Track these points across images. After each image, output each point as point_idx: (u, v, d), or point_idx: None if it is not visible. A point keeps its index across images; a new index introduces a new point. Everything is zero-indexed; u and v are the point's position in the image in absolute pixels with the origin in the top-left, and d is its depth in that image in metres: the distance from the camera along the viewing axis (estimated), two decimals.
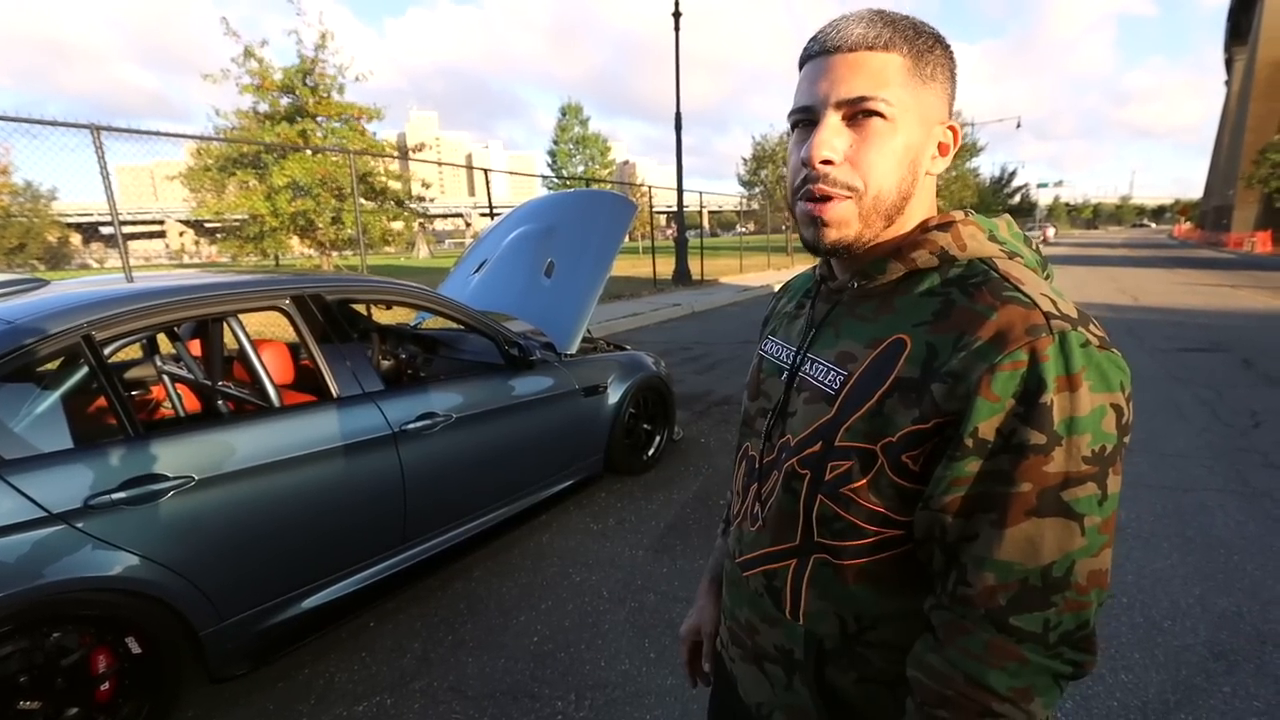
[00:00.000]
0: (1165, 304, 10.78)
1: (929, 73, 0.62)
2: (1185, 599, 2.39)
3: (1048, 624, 0.54)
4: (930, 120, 0.63)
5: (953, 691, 0.56)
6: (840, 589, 0.66)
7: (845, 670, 0.67)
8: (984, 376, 0.55)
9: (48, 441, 1.65)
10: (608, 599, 2.51)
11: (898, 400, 0.60)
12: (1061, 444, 0.53)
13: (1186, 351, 6.80)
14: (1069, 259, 25.30)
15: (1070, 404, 0.53)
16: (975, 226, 0.65)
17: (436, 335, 3.73)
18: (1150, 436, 4.18)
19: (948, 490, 0.57)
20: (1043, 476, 0.54)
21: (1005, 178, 50.87)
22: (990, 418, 0.55)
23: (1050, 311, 0.56)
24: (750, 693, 0.77)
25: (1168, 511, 3.11)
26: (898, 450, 0.59)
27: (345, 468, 2.15)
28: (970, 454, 0.55)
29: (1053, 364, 0.54)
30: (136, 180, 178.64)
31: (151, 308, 1.94)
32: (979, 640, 0.55)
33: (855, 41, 0.60)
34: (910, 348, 0.61)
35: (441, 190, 72.12)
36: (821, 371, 0.68)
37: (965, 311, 0.59)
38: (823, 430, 0.65)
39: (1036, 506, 0.54)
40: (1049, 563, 0.54)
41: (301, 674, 2.11)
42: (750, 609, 0.75)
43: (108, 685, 1.71)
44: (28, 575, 1.52)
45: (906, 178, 0.63)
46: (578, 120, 30.66)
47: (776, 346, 0.79)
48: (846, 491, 0.63)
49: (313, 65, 13.11)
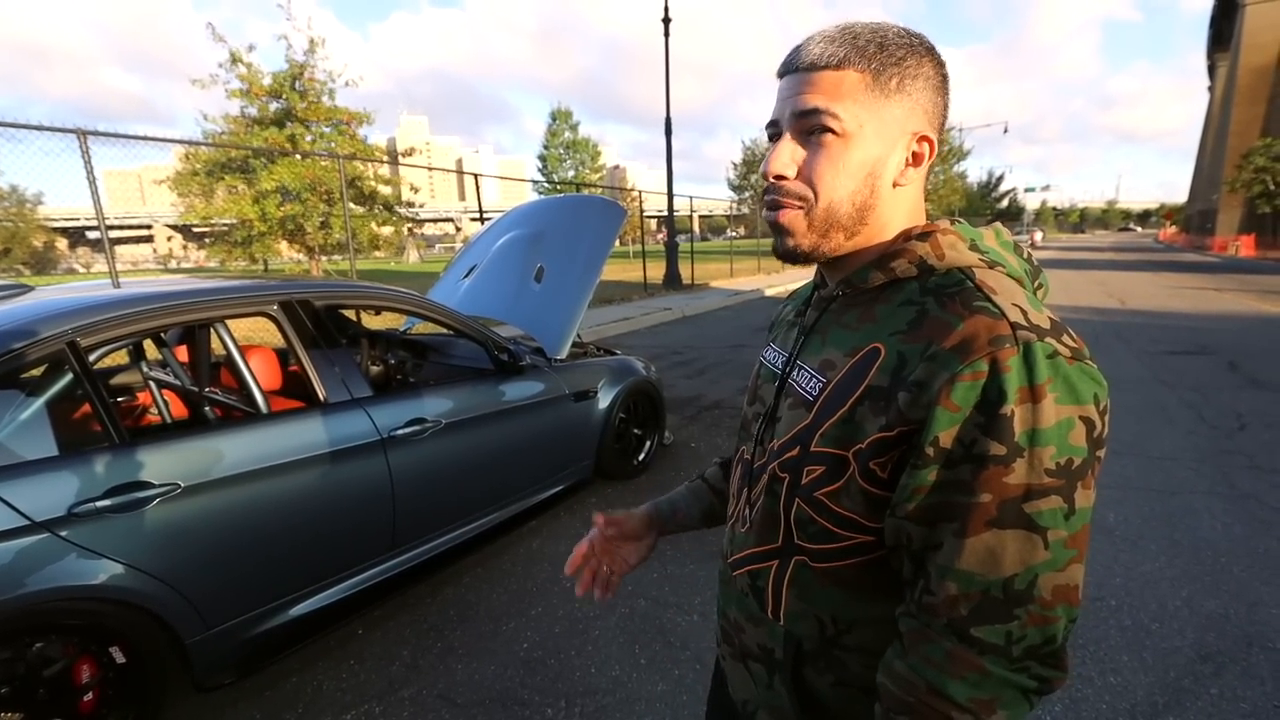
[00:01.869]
0: (1152, 307, 10.91)
1: (893, 86, 0.62)
2: (1173, 601, 2.41)
3: (1010, 637, 0.54)
4: (894, 133, 0.63)
5: (914, 699, 0.57)
6: (818, 591, 0.67)
7: (823, 672, 0.68)
8: (944, 386, 0.55)
9: (31, 449, 1.62)
10: (597, 605, 2.50)
11: (868, 408, 0.60)
12: (1023, 456, 0.53)
13: (1173, 354, 6.88)
14: (1057, 263, 25.56)
15: (1033, 416, 0.53)
16: (956, 236, 0.65)
17: (426, 340, 3.72)
18: (1138, 439, 4.22)
19: (911, 498, 0.57)
20: (1003, 488, 0.53)
21: (993, 182, 51.39)
22: (950, 427, 0.55)
23: (1018, 322, 0.56)
24: (737, 690, 0.80)
25: (1155, 514, 3.14)
26: (867, 457, 0.60)
27: (333, 474, 2.14)
28: (931, 463, 0.56)
29: (1015, 375, 0.53)
30: (124, 184, 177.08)
31: (137, 313, 1.92)
32: (940, 649, 0.56)
33: (811, 61, 0.63)
34: (883, 356, 0.61)
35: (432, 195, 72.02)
36: (805, 378, 0.69)
37: (936, 321, 0.59)
38: (800, 435, 0.66)
39: (997, 518, 0.54)
40: (1010, 575, 0.54)
41: (289, 682, 2.09)
42: (737, 608, 0.77)
43: (91, 696, 1.68)
44: (10, 584, 1.49)
45: (861, 190, 0.64)
46: (568, 125, 30.72)
47: (774, 353, 0.81)
48: (820, 496, 0.64)
49: (302, 70, 13.06)
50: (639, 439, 3.83)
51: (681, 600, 2.50)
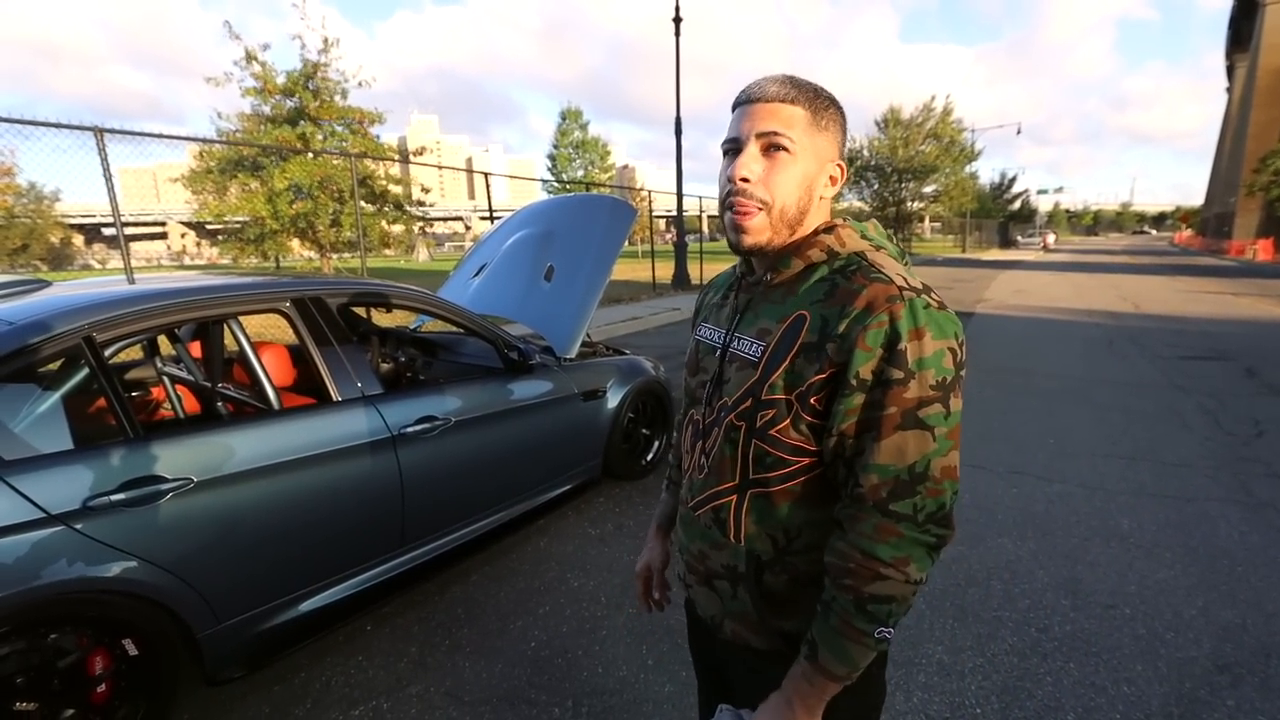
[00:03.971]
0: (1167, 311, 10.79)
1: (824, 124, 0.83)
2: (1188, 610, 2.38)
3: (916, 507, 0.76)
4: (823, 158, 0.85)
5: (853, 564, 0.77)
6: (771, 513, 0.86)
7: (779, 574, 0.87)
8: (859, 333, 0.76)
9: (47, 442, 1.64)
10: (605, 605, 2.50)
11: (804, 360, 0.80)
12: (915, 377, 0.74)
13: (1188, 359, 6.79)
14: (1069, 266, 25.31)
15: (919, 349, 0.75)
16: (850, 230, 0.87)
17: (436, 338, 3.73)
18: (1152, 444, 4.17)
19: (844, 419, 0.78)
20: (904, 401, 0.75)
21: (1005, 184, 50.91)
22: (867, 362, 0.76)
23: (903, 285, 0.77)
24: (704, 608, 0.98)
25: (1170, 521, 3.09)
26: (807, 396, 0.80)
27: (344, 471, 2.15)
28: (855, 390, 0.77)
29: (905, 321, 0.75)
30: (139, 182, 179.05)
31: (152, 309, 1.93)
32: (870, 524, 0.76)
33: (772, 95, 0.82)
34: (809, 320, 0.81)
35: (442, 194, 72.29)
36: (746, 345, 0.88)
37: (845, 290, 0.80)
38: (752, 388, 0.85)
39: (901, 423, 0.75)
40: (912, 462, 0.75)
41: (298, 677, 2.10)
42: (701, 540, 0.95)
43: (104, 687, 1.69)
44: (26, 576, 1.51)
45: (804, 198, 0.84)
46: (577, 124, 30.72)
47: (709, 330, 0.99)
48: (774, 433, 0.83)
49: (315, 70, 13.15)
50: (647, 439, 3.82)
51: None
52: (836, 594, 0.78)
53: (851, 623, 0.77)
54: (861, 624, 0.76)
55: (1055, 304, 12.13)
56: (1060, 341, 8.05)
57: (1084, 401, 5.25)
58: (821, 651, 0.78)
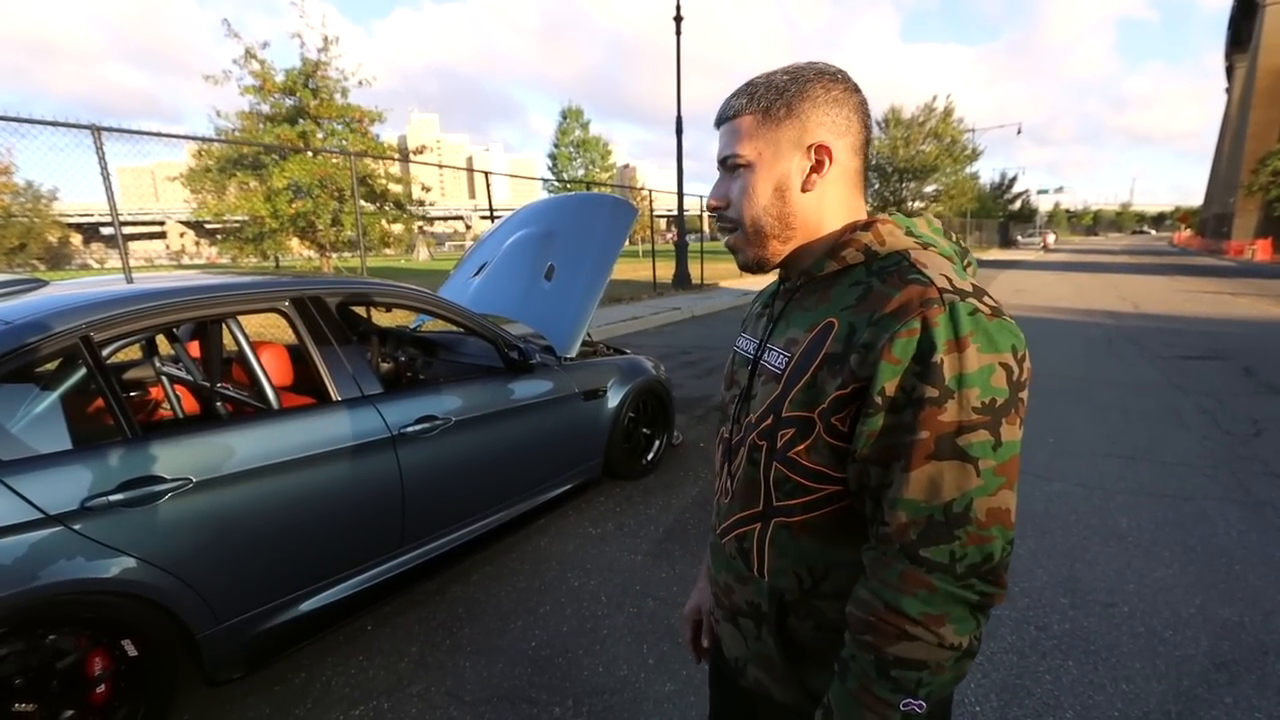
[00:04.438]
0: (1166, 311, 10.80)
1: (781, 114, 0.74)
2: (1186, 608, 2.38)
3: (954, 555, 0.62)
4: (789, 150, 0.75)
5: (874, 618, 0.65)
6: (794, 547, 0.76)
7: (803, 619, 0.77)
8: (886, 343, 0.64)
9: (45, 443, 1.64)
10: (606, 604, 2.50)
11: (827, 373, 0.70)
12: (953, 396, 0.62)
13: (1187, 359, 6.80)
14: (1069, 265, 25.34)
15: (959, 362, 0.62)
16: (893, 225, 0.75)
17: (436, 338, 3.73)
18: (1151, 444, 4.17)
19: (866, 443, 0.66)
20: (938, 425, 0.62)
21: (1005, 184, 50.94)
22: (893, 378, 0.64)
23: (944, 287, 0.65)
24: (729, 648, 0.89)
25: (1169, 520, 3.10)
26: (829, 414, 0.69)
27: (343, 471, 2.15)
28: (880, 410, 0.65)
29: (943, 329, 0.63)
30: (137, 181, 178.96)
31: (150, 309, 1.93)
32: (895, 571, 0.64)
33: (721, 115, 0.79)
34: (837, 328, 0.71)
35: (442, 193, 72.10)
36: (774, 356, 0.79)
37: (878, 294, 0.69)
38: (773, 404, 0.76)
39: (935, 451, 0.62)
40: (949, 500, 0.62)
41: (298, 677, 2.10)
42: (727, 571, 0.86)
43: (104, 688, 1.69)
44: (24, 577, 1.51)
45: (775, 204, 0.76)
46: (578, 124, 30.71)
47: (746, 341, 0.91)
48: (793, 455, 0.73)
49: (315, 68, 13.14)
50: (648, 438, 3.82)
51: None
52: (856, 652, 0.67)
53: (872, 689, 0.65)
54: (883, 692, 0.64)
55: (1055, 304, 12.14)
56: (1060, 341, 8.06)
57: (1084, 401, 5.25)
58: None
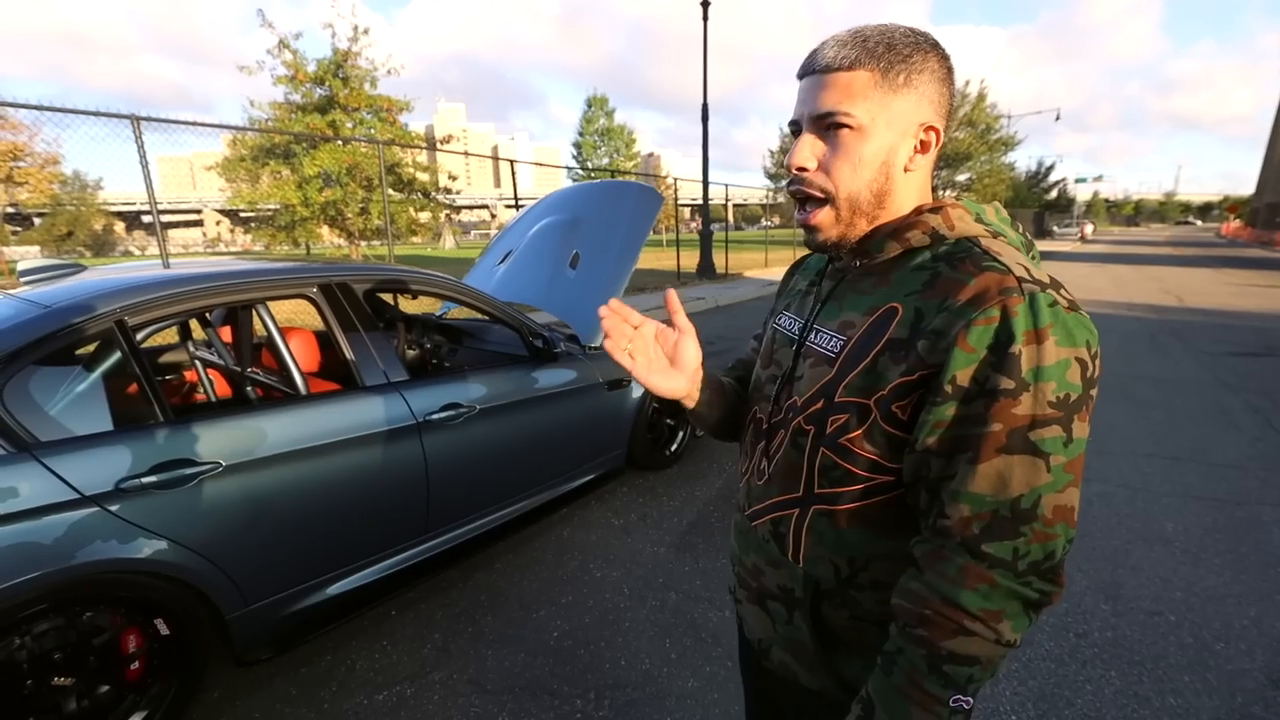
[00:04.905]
0: (1213, 305, 10.36)
1: (901, 81, 0.68)
2: (1239, 620, 2.27)
3: (1017, 552, 0.61)
4: (904, 124, 0.70)
5: (930, 611, 0.63)
6: (835, 536, 0.75)
7: (839, 608, 0.76)
8: (961, 330, 0.62)
9: (80, 424, 1.66)
10: (629, 596, 2.48)
11: (889, 358, 0.68)
12: (1029, 389, 0.60)
13: (1236, 356, 6.51)
14: (1108, 257, 24.50)
15: (1037, 355, 0.60)
16: (963, 210, 0.73)
17: (461, 325, 3.73)
18: (1198, 445, 4.00)
19: (931, 432, 0.65)
20: (1012, 418, 0.61)
21: (1041, 172, 49.41)
22: (967, 366, 0.62)
23: (1023, 276, 0.64)
24: (754, 629, 0.88)
25: (1218, 525, 2.96)
26: (888, 401, 0.68)
27: (369, 456, 2.15)
28: (949, 399, 0.63)
29: (1022, 319, 0.61)
30: (176, 170, 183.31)
31: (182, 293, 1.95)
32: (954, 565, 0.63)
33: (826, 64, 0.69)
34: (901, 313, 0.69)
35: (468, 181, 72.57)
36: (825, 339, 0.76)
37: (949, 280, 0.67)
38: (825, 388, 0.73)
39: (1006, 444, 0.61)
40: (1017, 495, 0.61)
41: (324, 660, 2.12)
42: (757, 554, 0.84)
43: (138, 665, 1.73)
44: (62, 556, 1.53)
45: (878, 179, 0.71)
46: (603, 112, 30.58)
47: (789, 320, 0.87)
48: (844, 442, 0.71)
49: (345, 58, 13.26)
50: (672, 429, 3.79)
51: (714, 595, 2.46)
52: (905, 645, 0.65)
53: (922, 684, 0.63)
54: (934, 687, 0.63)
55: (1093, 296, 11.74)
56: (1099, 335, 7.78)
57: (1124, 398, 5.06)
58: (878, 715, 0.66)
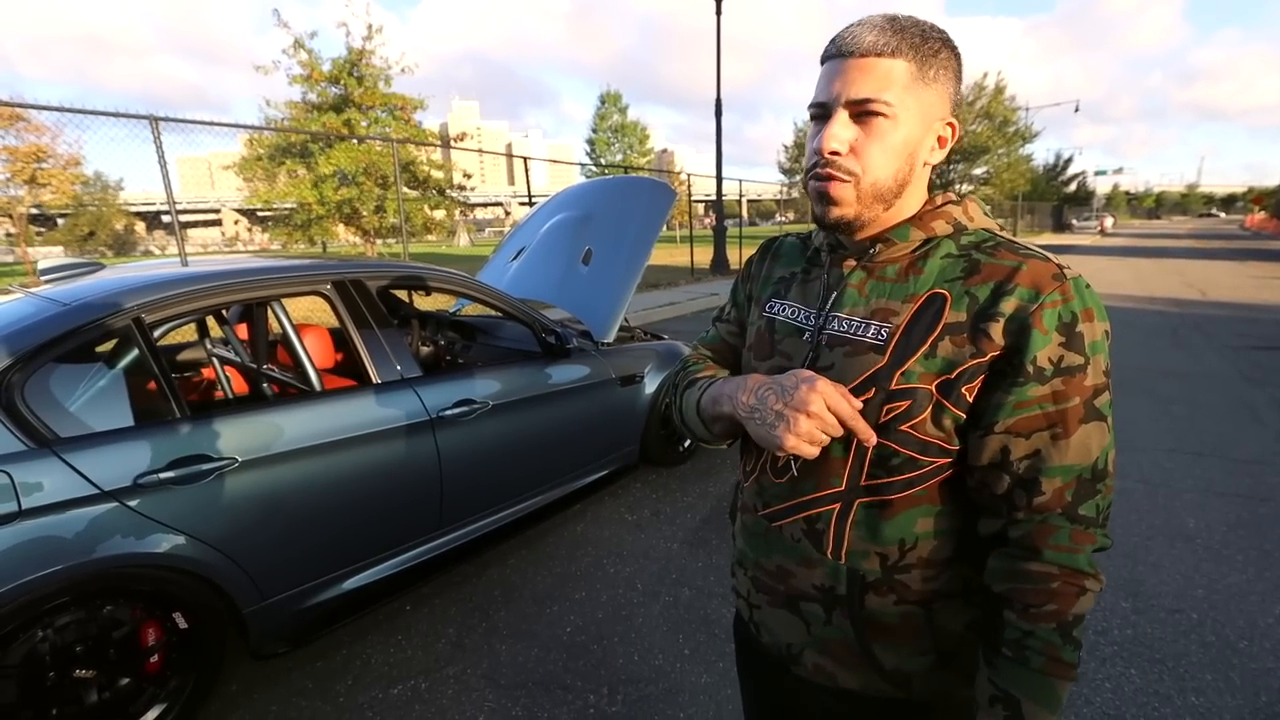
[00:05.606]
0: (1236, 299, 10.15)
1: (932, 75, 0.70)
2: (1264, 618, 2.22)
3: (1099, 508, 0.68)
4: (931, 117, 0.72)
5: (1058, 584, 0.66)
6: (886, 525, 0.74)
7: (885, 595, 0.75)
8: (1035, 313, 0.66)
9: (99, 421, 1.69)
10: (642, 592, 2.48)
11: (949, 342, 0.69)
12: (1090, 362, 0.67)
13: (1261, 350, 6.37)
14: (1128, 250, 24.06)
15: (1092, 331, 0.67)
16: (977, 204, 0.78)
17: (474, 322, 3.74)
18: (1221, 440, 3.92)
19: (1012, 413, 0.67)
20: (1084, 390, 0.67)
21: (1060, 165, 48.60)
22: (1044, 347, 0.66)
23: (1060, 264, 0.70)
24: (779, 635, 0.84)
25: (1242, 522, 2.90)
26: (956, 384, 0.69)
27: (383, 452, 2.16)
28: (1031, 379, 0.66)
29: (1077, 300, 0.67)
30: (195, 170, 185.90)
31: (198, 291, 1.97)
32: (1065, 534, 0.67)
33: (866, 48, 0.69)
34: (951, 299, 0.70)
35: (482, 179, 72.80)
36: (859, 327, 0.75)
37: (994, 266, 0.70)
38: (876, 377, 0.72)
39: (1084, 415, 0.67)
40: (1095, 458, 0.67)
41: (339, 654, 2.14)
42: (785, 555, 0.81)
43: (157, 658, 1.75)
44: (83, 549, 1.56)
45: (903, 168, 0.73)
46: (616, 108, 30.50)
47: (790, 309, 0.84)
48: (906, 429, 0.71)
49: (360, 56, 13.35)
50: None
51: (727, 591, 2.45)
52: (1034, 626, 0.66)
53: (1060, 657, 0.65)
54: (1069, 655, 0.65)
55: (1113, 290, 11.54)
56: (1117, 329, 7.65)
57: (1144, 393, 4.98)
58: (1027, 705, 0.65)
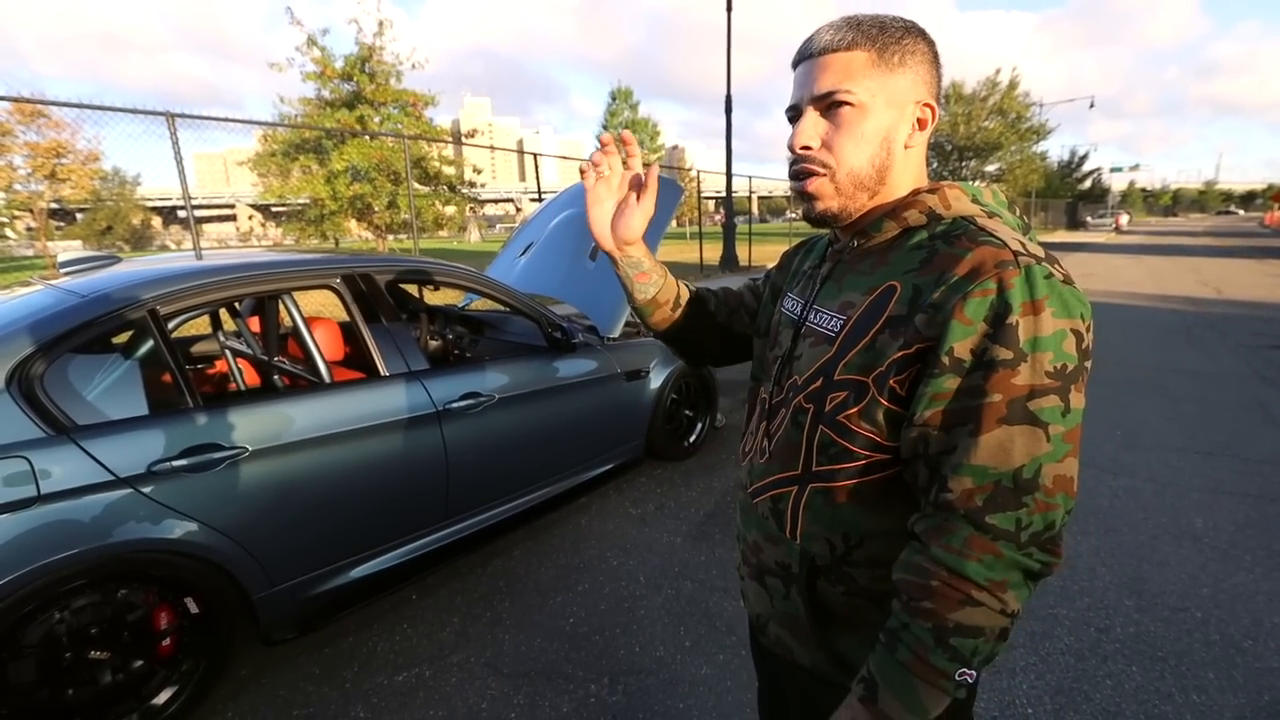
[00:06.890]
0: (1253, 297, 10.00)
1: (896, 60, 0.71)
2: (1270, 618, 2.21)
3: (1019, 523, 0.62)
4: (902, 102, 0.72)
5: (937, 583, 0.63)
6: (831, 513, 0.75)
7: (834, 584, 0.77)
8: (958, 303, 0.63)
9: (114, 409, 1.73)
10: (644, 584, 2.50)
11: (888, 335, 0.69)
12: (1027, 360, 0.61)
13: (1276, 349, 6.29)
14: (1144, 248, 23.75)
15: (1034, 325, 0.62)
16: (960, 191, 0.74)
17: (482, 317, 3.77)
18: (1232, 440, 3.88)
19: (929, 405, 0.65)
20: (1011, 388, 0.62)
21: (1075, 162, 48.03)
22: (964, 339, 0.63)
23: (1019, 250, 0.65)
24: (753, 604, 0.90)
25: (1250, 522, 2.88)
26: (887, 377, 0.69)
27: (390, 444, 2.20)
28: (947, 371, 0.64)
29: (1018, 291, 0.62)
30: (210, 166, 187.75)
31: (211, 284, 2.01)
32: (959, 537, 0.63)
33: (824, 46, 0.72)
34: (900, 291, 0.70)
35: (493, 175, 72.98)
36: (825, 319, 0.78)
37: (946, 255, 0.68)
38: (824, 367, 0.75)
39: (1007, 415, 0.62)
40: (1019, 465, 0.61)
41: (346, 641, 2.18)
42: (758, 530, 0.86)
43: (169, 641, 1.80)
44: (99, 534, 1.61)
45: (880, 154, 0.73)
46: (627, 104, 30.49)
47: (793, 301, 0.89)
48: (842, 419, 0.72)
49: (371, 53, 13.43)
50: (690, 420, 3.79)
51: (729, 585, 2.47)
52: (910, 620, 0.64)
53: (927, 658, 0.63)
54: (940, 661, 0.62)
55: (1127, 288, 11.41)
56: (1131, 328, 7.58)
57: (1156, 392, 4.93)
58: (883, 693, 0.65)
